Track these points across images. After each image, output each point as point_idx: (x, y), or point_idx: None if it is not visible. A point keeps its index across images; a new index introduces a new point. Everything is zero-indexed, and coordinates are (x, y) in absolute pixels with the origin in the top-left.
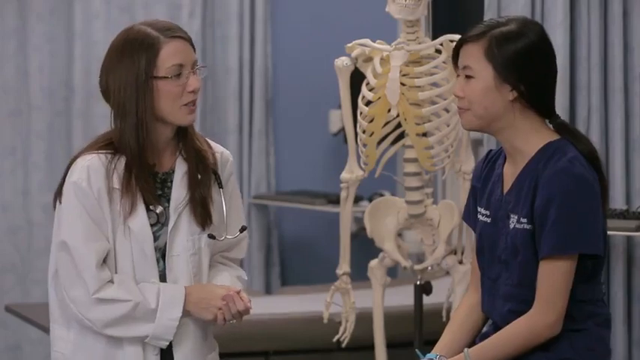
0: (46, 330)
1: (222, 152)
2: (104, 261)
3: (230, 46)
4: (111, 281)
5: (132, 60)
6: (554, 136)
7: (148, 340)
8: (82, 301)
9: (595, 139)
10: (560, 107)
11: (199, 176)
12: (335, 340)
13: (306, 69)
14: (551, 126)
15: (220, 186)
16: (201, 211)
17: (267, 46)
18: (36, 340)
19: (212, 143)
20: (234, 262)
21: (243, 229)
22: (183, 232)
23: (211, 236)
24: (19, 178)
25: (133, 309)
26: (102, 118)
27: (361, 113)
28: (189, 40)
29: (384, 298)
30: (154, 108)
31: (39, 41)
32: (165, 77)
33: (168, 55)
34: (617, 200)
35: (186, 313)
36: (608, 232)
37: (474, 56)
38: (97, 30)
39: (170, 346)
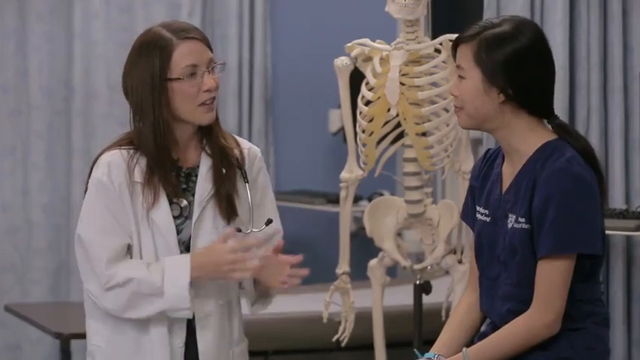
0: (45, 329)
1: (249, 148)
2: (130, 255)
3: (229, 45)
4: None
5: (147, 62)
6: (552, 136)
7: (169, 314)
8: (96, 294)
9: (594, 138)
10: (560, 107)
11: (224, 171)
12: (334, 339)
13: (305, 69)
14: (549, 126)
15: (246, 180)
16: (227, 205)
17: (267, 45)
18: (35, 339)
19: (239, 139)
20: None
21: (268, 222)
22: (207, 226)
23: (238, 230)
24: (19, 177)
25: (137, 286)
26: (101, 118)
27: (361, 113)
28: (203, 39)
29: (383, 298)
30: (171, 108)
31: (38, 41)
32: (178, 79)
33: (182, 56)
34: (616, 200)
35: (198, 280)
36: (608, 232)
37: (466, 57)
38: (97, 30)
39: (194, 337)
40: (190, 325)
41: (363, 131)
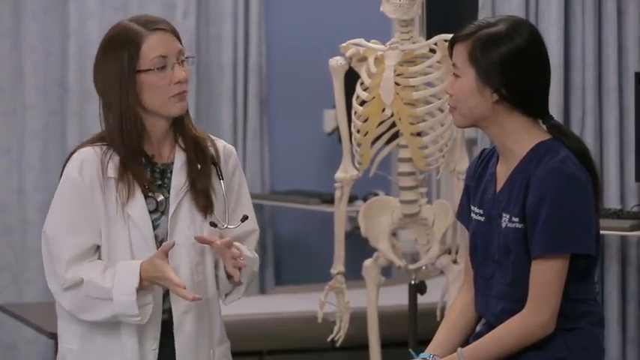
0: (40, 330)
1: (224, 145)
2: (97, 255)
3: (224, 45)
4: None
5: (115, 55)
6: (546, 136)
7: (120, 319)
8: (56, 292)
9: (589, 138)
10: (555, 107)
11: (199, 166)
12: (329, 339)
13: (300, 68)
14: (544, 126)
15: (221, 177)
16: (203, 198)
17: (262, 45)
18: (31, 339)
19: (214, 138)
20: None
21: (244, 219)
22: (183, 221)
23: (212, 224)
24: (14, 177)
25: (88, 289)
26: (96, 118)
27: (355, 113)
28: (172, 31)
29: (378, 298)
30: (142, 102)
31: (33, 40)
32: (148, 70)
33: (151, 47)
34: (611, 200)
35: (145, 286)
36: (603, 232)
37: (461, 57)
38: (92, 29)
39: (171, 337)
40: (168, 326)
41: (358, 131)
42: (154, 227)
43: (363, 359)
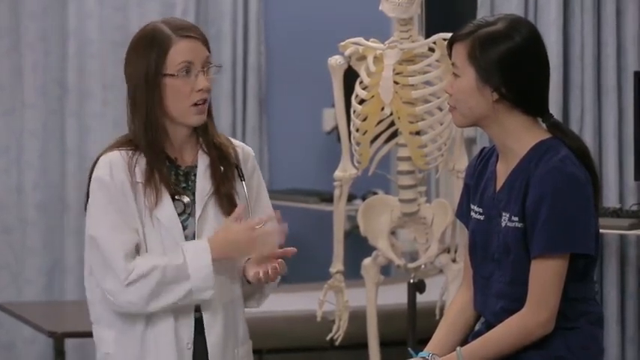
0: (39, 329)
1: (243, 147)
2: (138, 253)
3: (223, 44)
4: None
5: (144, 56)
6: (546, 135)
7: (193, 296)
8: (116, 290)
9: (588, 138)
10: (554, 106)
11: (222, 169)
12: (328, 338)
13: (299, 67)
14: (544, 125)
15: (242, 179)
16: (227, 202)
17: (261, 44)
18: (30, 338)
19: (232, 139)
20: None
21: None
22: (210, 223)
23: None
24: (13, 176)
25: (162, 274)
26: (96, 117)
27: (354, 112)
28: (202, 39)
29: (377, 297)
30: (163, 106)
31: (33, 40)
32: (173, 75)
33: (178, 53)
34: (610, 199)
35: (218, 261)
36: (602, 231)
37: (460, 56)
38: (91, 29)
39: (202, 336)
40: (198, 325)
41: (357, 130)
42: (183, 228)
43: (363, 358)
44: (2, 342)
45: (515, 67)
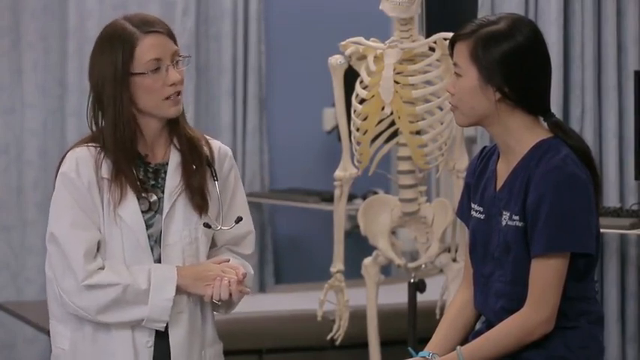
0: (39, 328)
1: (220, 147)
2: (98, 250)
3: (223, 43)
4: (101, 268)
5: (110, 55)
6: (547, 134)
7: (144, 323)
8: (72, 291)
9: (589, 137)
10: (554, 106)
11: (194, 166)
12: (329, 338)
13: (299, 67)
14: (545, 124)
15: (215, 179)
16: (198, 198)
17: (261, 43)
18: (30, 338)
19: (209, 139)
20: (243, 259)
21: (238, 220)
22: (178, 221)
23: (206, 225)
24: (13, 175)
25: (123, 292)
26: None
27: (355, 111)
28: (167, 32)
29: (377, 296)
30: (135, 103)
31: (33, 39)
32: (142, 73)
33: (145, 50)
34: (610, 198)
35: (181, 290)
36: (602, 230)
37: (462, 55)
38: (91, 28)
39: (164, 335)
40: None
41: (358, 129)
42: (148, 226)
43: (363, 358)
44: (2, 342)
45: (517, 67)
